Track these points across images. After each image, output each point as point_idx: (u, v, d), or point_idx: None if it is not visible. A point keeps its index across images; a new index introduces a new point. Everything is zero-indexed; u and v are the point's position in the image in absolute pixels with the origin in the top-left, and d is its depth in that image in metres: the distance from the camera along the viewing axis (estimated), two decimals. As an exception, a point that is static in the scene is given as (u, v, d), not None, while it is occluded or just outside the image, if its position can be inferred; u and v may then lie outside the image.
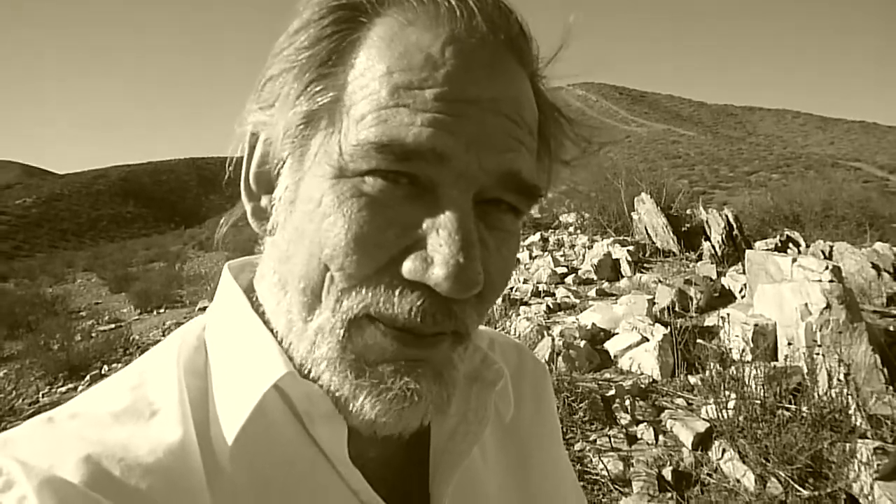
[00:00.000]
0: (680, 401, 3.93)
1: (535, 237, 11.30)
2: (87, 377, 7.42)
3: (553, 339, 4.58)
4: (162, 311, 13.41)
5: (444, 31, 0.52)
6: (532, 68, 0.60)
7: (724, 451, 3.22)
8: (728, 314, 4.80)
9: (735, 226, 8.11)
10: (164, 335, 9.35)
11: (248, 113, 0.60)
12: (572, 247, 10.10)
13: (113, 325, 11.73)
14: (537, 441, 0.83)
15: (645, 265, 7.89)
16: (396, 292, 0.51)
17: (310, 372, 0.55)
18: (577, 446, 3.42)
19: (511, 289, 7.26)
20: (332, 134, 0.52)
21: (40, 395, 7.05)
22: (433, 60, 0.51)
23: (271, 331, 0.59)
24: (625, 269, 7.70)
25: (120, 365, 7.84)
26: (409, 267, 0.50)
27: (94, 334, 10.49)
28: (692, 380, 4.13)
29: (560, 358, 4.40)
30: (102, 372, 7.57)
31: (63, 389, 7.18)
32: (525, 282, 7.77)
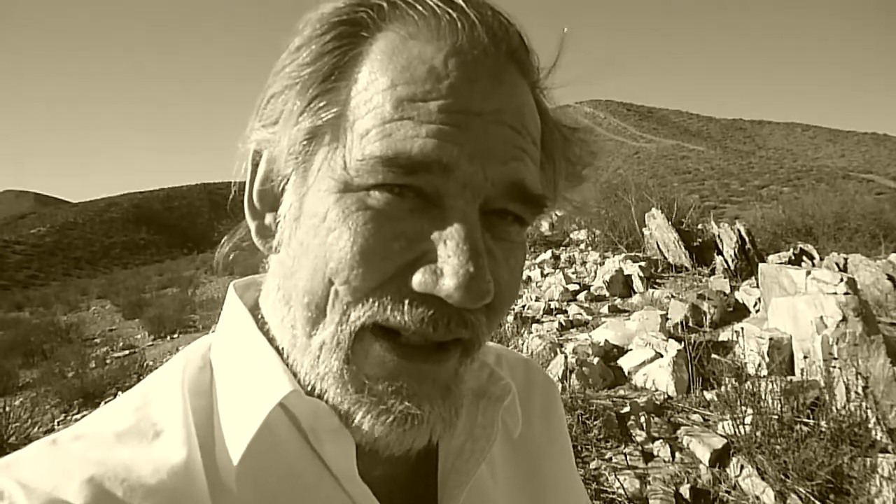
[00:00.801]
0: (696, 417, 3.87)
1: (547, 255, 11.26)
2: (102, 404, 7.43)
3: (566, 357, 4.55)
4: (175, 336, 13.45)
5: (446, 43, 0.52)
6: (533, 79, 0.60)
7: (742, 467, 3.17)
8: (742, 328, 4.76)
9: (747, 239, 8.05)
10: (177, 360, 9.34)
11: (251, 131, 0.60)
12: (584, 263, 10.06)
13: (127, 352, 11.79)
14: (548, 456, 0.83)
15: (657, 281, 7.84)
16: (405, 303, 0.51)
17: (314, 388, 0.55)
18: (593, 464, 3.38)
19: (523, 307, 7.24)
20: (335, 149, 0.53)
21: (55, 423, 7.08)
22: (436, 72, 0.51)
23: (276, 348, 0.59)
24: (637, 284, 7.65)
25: (134, 391, 7.87)
26: (419, 279, 0.50)
27: (108, 361, 10.55)
28: (708, 395, 4.08)
29: (573, 375, 4.36)
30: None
31: (78, 417, 7.20)
32: (537, 299, 7.73)
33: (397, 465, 0.64)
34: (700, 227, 9.46)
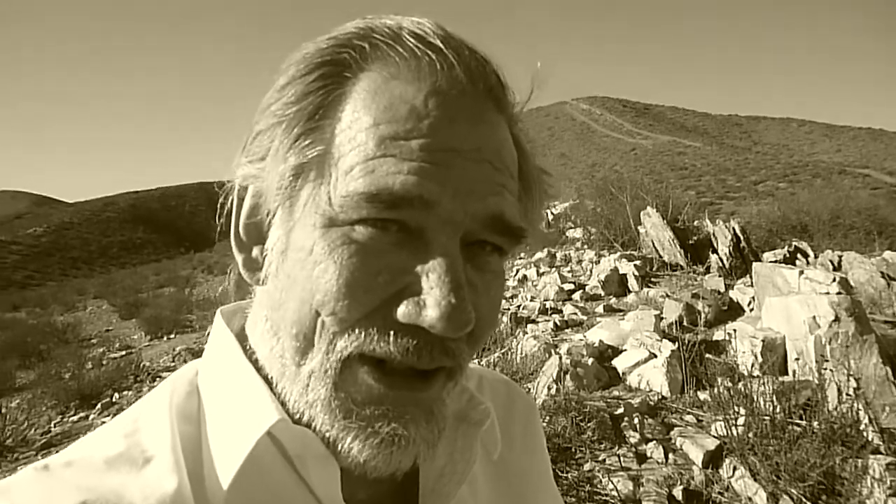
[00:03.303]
0: (689, 417, 3.89)
1: (543, 253, 11.28)
2: (99, 405, 7.44)
3: (561, 358, 4.57)
4: (172, 336, 13.46)
5: (426, 83, 0.54)
6: (509, 113, 0.62)
7: (734, 468, 3.19)
8: (736, 329, 4.78)
9: (742, 237, 8.07)
10: (174, 361, 9.38)
11: (238, 166, 0.62)
12: (579, 262, 10.09)
13: (124, 352, 11.80)
14: (528, 476, 0.84)
15: (652, 279, 7.86)
16: (390, 333, 0.52)
17: (302, 416, 0.56)
18: (587, 466, 3.39)
19: (518, 307, 7.25)
20: (320, 185, 0.54)
21: (52, 425, 7.08)
22: (417, 112, 0.53)
23: (264, 377, 0.61)
24: (632, 283, 7.67)
25: (130, 392, 7.86)
26: (402, 311, 0.52)
27: (104, 362, 10.54)
28: (701, 396, 4.10)
29: (568, 376, 4.38)
30: (113, 399, 7.60)
31: (75, 418, 7.21)
32: (532, 299, 7.75)
33: (381, 488, 0.65)
34: (696, 224, 9.48)
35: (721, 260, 7.84)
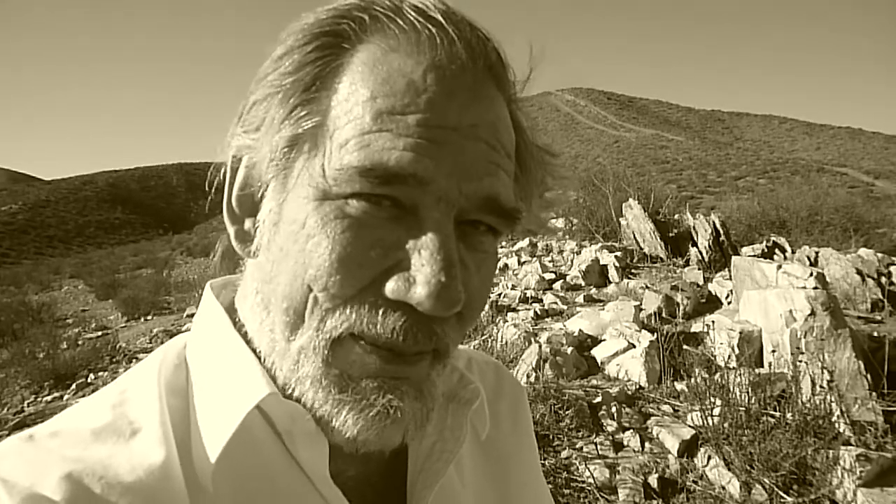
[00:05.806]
0: (666, 407, 3.94)
1: (524, 242, 11.30)
2: (73, 385, 7.36)
3: (540, 346, 4.58)
4: (149, 317, 13.35)
5: (425, 57, 0.53)
6: (509, 93, 0.61)
7: (709, 458, 3.23)
8: (714, 321, 4.83)
9: (722, 231, 8.15)
10: (151, 342, 9.30)
11: (232, 137, 0.61)
12: (560, 252, 10.12)
13: (100, 333, 11.67)
14: (515, 458, 0.85)
15: (633, 271, 7.91)
16: (380, 312, 0.52)
17: (293, 391, 0.56)
18: (564, 454, 3.42)
19: (499, 295, 7.27)
20: (314, 157, 0.53)
21: (25, 405, 6.99)
22: (415, 86, 0.52)
23: (253, 350, 0.60)
24: (612, 274, 7.72)
25: (106, 373, 7.78)
26: (391, 287, 0.51)
27: (80, 342, 10.41)
28: (678, 386, 4.14)
29: (547, 365, 4.40)
30: (88, 380, 7.52)
31: (49, 398, 7.12)
32: (513, 288, 7.77)
33: (370, 466, 0.66)
34: (676, 217, 9.55)
35: (700, 253, 7.91)
